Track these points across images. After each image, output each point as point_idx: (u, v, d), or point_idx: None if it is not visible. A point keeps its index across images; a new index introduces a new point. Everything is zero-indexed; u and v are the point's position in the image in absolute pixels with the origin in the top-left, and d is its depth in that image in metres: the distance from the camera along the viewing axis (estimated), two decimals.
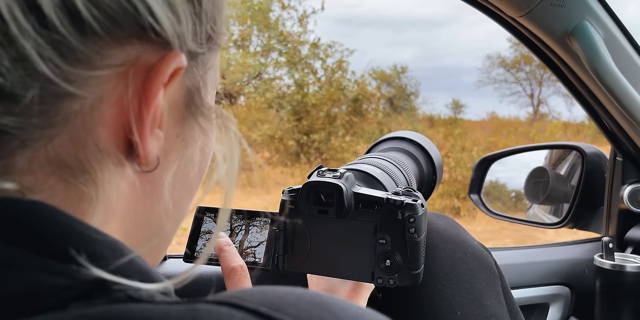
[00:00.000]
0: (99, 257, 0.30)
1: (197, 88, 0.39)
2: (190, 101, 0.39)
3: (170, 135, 0.38)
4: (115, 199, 0.35)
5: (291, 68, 12.18)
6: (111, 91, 0.32)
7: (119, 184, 0.35)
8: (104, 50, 0.31)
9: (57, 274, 0.28)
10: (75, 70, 0.30)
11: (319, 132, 10.88)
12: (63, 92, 0.30)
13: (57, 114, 0.31)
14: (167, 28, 0.33)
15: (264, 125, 11.05)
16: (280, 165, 11.16)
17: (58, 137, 0.31)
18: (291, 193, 0.70)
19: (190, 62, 0.37)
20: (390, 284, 0.66)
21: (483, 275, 0.78)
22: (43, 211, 0.30)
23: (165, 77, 0.34)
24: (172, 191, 0.40)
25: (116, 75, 0.32)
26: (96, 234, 0.32)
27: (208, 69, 0.40)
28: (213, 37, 0.39)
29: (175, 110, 0.38)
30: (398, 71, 17.54)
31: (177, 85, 0.37)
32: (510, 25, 1.07)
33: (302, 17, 12.21)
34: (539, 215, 1.61)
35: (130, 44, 0.32)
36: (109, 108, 0.33)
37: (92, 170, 0.33)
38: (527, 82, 20.80)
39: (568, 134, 14.52)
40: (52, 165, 0.32)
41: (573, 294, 1.28)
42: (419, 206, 0.65)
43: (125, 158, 0.35)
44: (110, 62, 0.32)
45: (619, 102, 0.97)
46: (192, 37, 0.36)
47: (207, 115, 0.41)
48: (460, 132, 10.53)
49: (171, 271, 0.96)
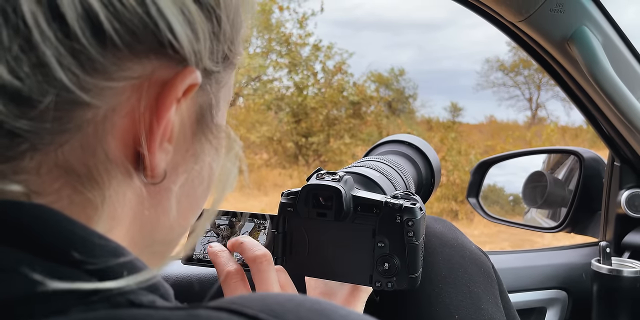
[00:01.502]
0: (104, 262, 0.31)
1: (210, 105, 0.39)
2: (201, 118, 0.39)
3: (179, 149, 0.38)
4: (121, 208, 0.35)
5: (291, 70, 12.19)
6: (125, 103, 0.33)
7: (126, 193, 0.35)
8: (122, 62, 0.32)
9: (58, 278, 0.28)
10: (92, 80, 0.31)
11: (317, 134, 10.89)
12: (78, 100, 0.31)
13: (70, 121, 0.31)
14: (185, 45, 0.34)
15: (263, 126, 11.06)
16: (278, 167, 11.16)
17: (69, 144, 0.32)
18: (290, 196, 0.70)
19: (204, 79, 0.37)
20: (389, 287, 0.66)
21: (481, 279, 0.78)
22: (45, 214, 0.31)
23: (179, 92, 0.34)
24: (178, 204, 0.40)
25: (131, 87, 0.33)
26: (99, 238, 0.32)
27: (222, 87, 0.41)
28: (229, 57, 0.39)
29: (186, 125, 0.38)
30: (396, 74, 17.56)
31: (190, 102, 0.37)
32: (509, 29, 1.07)
33: (301, 19, 12.22)
34: (536, 220, 1.61)
35: (148, 58, 0.33)
36: (121, 119, 0.33)
37: (99, 178, 0.33)
38: (526, 86, 20.81)
39: (566, 138, 14.54)
40: (60, 170, 0.32)
41: (570, 298, 1.28)
42: (417, 210, 0.65)
43: (133, 169, 0.35)
44: (126, 75, 0.32)
45: (616, 107, 0.97)
46: (208, 55, 0.36)
47: (215, 133, 0.41)
48: (456, 136, 10.53)
49: (169, 273, 0.96)
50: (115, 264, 0.31)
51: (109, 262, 0.31)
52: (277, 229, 0.70)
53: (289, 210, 0.70)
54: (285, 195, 0.71)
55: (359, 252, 0.67)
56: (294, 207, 0.69)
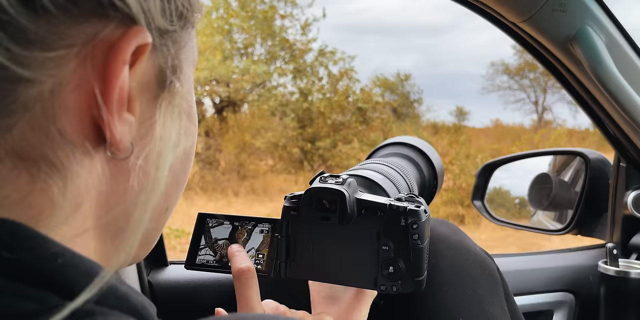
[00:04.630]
0: (72, 283, 0.29)
1: (171, 67, 0.37)
2: (162, 82, 0.36)
3: (144, 117, 0.35)
4: (85, 191, 0.33)
5: (295, 76, 12.22)
6: (71, 74, 0.30)
7: (89, 174, 0.33)
8: (60, 29, 0.29)
9: (24, 299, 0.27)
10: (28, 53, 0.28)
11: (323, 139, 10.91)
12: (17, 76, 0.28)
13: (14, 101, 0.29)
14: (131, 3, 0.31)
15: (268, 133, 11.09)
16: (283, 172, 11.17)
17: (17, 126, 0.29)
18: (293, 199, 0.70)
19: (159, 39, 0.35)
20: (394, 290, 0.66)
21: (485, 282, 0.78)
22: (16, 231, 0.29)
23: (126, 54, 0.31)
24: (148, 178, 0.37)
25: (76, 56, 0.30)
26: (72, 256, 0.30)
27: (182, 48, 0.38)
28: (185, 15, 0.37)
29: (147, 90, 0.35)
30: (401, 79, 17.58)
31: (146, 65, 0.34)
32: (511, 30, 1.07)
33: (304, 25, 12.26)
34: (543, 222, 1.60)
35: (89, 22, 0.30)
36: (70, 93, 0.30)
37: (57, 161, 0.31)
38: (532, 89, 20.78)
39: (573, 141, 14.48)
40: (14, 156, 0.30)
41: (577, 300, 1.27)
42: (422, 212, 0.65)
43: (93, 146, 0.32)
44: (67, 42, 0.29)
45: (621, 107, 0.97)
46: (160, 13, 0.34)
47: (179, 98, 0.38)
48: (465, 139, 10.53)
49: (173, 278, 0.96)
50: (87, 283, 0.29)
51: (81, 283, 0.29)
52: (281, 233, 0.70)
53: (292, 214, 0.69)
54: (288, 199, 0.70)
55: (363, 255, 0.67)
56: (298, 211, 0.68)
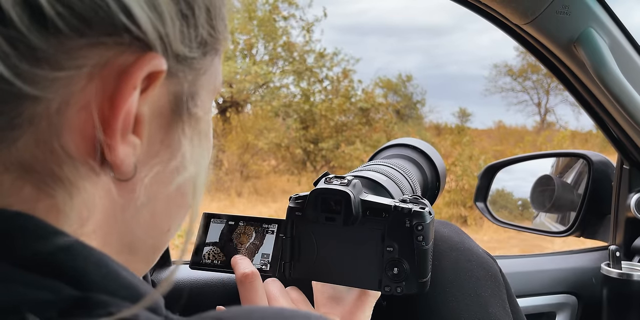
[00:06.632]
0: (83, 273, 0.30)
1: (190, 93, 0.36)
2: (177, 108, 0.36)
3: (153, 141, 0.35)
4: (91, 207, 0.33)
5: (297, 77, 12.22)
6: (79, 94, 0.30)
7: (94, 191, 0.33)
8: (72, 50, 0.29)
9: (38, 289, 0.28)
10: (37, 71, 0.28)
11: (326, 140, 10.90)
12: (23, 92, 0.28)
13: (19, 115, 0.29)
14: (148, 29, 0.31)
15: (271, 133, 11.08)
16: (286, 173, 11.17)
17: (22, 140, 0.30)
18: (298, 200, 0.70)
19: (177, 66, 0.34)
20: (398, 292, 0.66)
21: (488, 283, 0.78)
22: (27, 224, 0.29)
23: (137, 80, 0.31)
24: (155, 200, 0.37)
25: (87, 77, 0.30)
26: (82, 248, 0.30)
27: (201, 74, 0.37)
28: (209, 42, 0.36)
29: (160, 116, 0.35)
30: (404, 80, 17.57)
31: (161, 90, 0.34)
32: (515, 32, 1.07)
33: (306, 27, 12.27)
34: (545, 224, 1.60)
35: (103, 45, 0.30)
36: (76, 113, 0.30)
37: (62, 176, 0.31)
38: (534, 90, 20.75)
39: (576, 143, 14.44)
40: (19, 168, 0.30)
41: (580, 302, 1.27)
42: (426, 214, 0.65)
43: (98, 165, 0.32)
44: (78, 63, 0.30)
45: (625, 109, 0.97)
46: (179, 39, 0.33)
47: (193, 124, 0.38)
48: (468, 140, 10.51)
49: (176, 277, 0.96)
50: (96, 273, 0.30)
51: (91, 273, 0.30)
52: (285, 234, 0.70)
53: (297, 215, 0.69)
54: (293, 200, 0.70)
55: (367, 256, 0.67)
56: (302, 212, 0.69)
